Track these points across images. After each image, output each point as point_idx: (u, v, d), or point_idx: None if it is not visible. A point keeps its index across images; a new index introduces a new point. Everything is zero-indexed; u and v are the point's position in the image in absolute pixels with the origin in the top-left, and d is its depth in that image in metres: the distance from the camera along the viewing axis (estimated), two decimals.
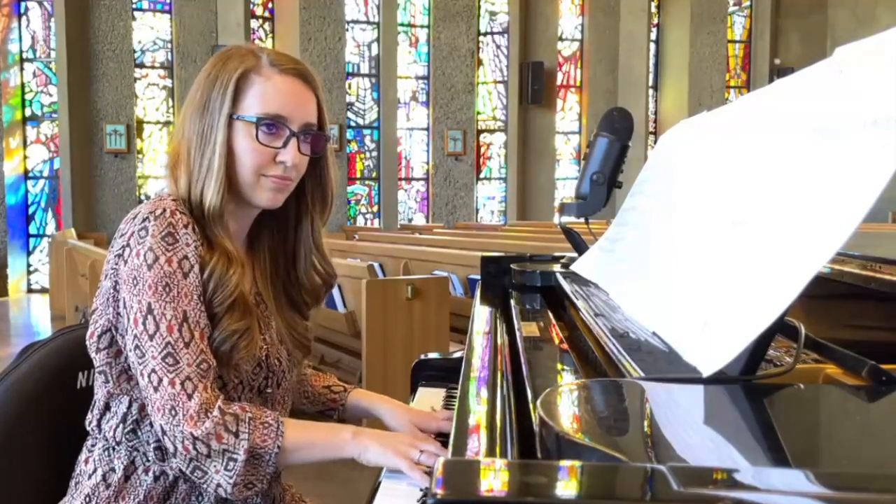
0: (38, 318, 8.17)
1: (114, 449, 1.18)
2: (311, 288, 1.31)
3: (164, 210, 1.10)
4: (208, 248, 1.13)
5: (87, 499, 1.16)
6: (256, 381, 1.20)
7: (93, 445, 1.21)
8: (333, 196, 1.29)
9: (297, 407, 1.40)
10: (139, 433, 1.17)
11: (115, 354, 1.15)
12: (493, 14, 11.94)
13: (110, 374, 1.16)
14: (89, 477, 1.18)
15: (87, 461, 1.20)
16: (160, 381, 1.06)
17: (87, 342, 1.16)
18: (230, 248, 1.15)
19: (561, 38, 12.27)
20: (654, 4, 12.50)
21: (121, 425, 1.17)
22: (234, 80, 1.15)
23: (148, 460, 1.17)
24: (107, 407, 1.18)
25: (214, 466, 1.05)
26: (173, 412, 1.05)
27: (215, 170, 1.14)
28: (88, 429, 1.21)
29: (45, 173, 9.90)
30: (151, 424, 1.15)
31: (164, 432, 1.06)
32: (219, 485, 1.06)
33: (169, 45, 10.24)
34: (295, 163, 1.17)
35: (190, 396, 1.05)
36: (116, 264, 1.12)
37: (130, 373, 1.14)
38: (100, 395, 1.19)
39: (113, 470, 1.17)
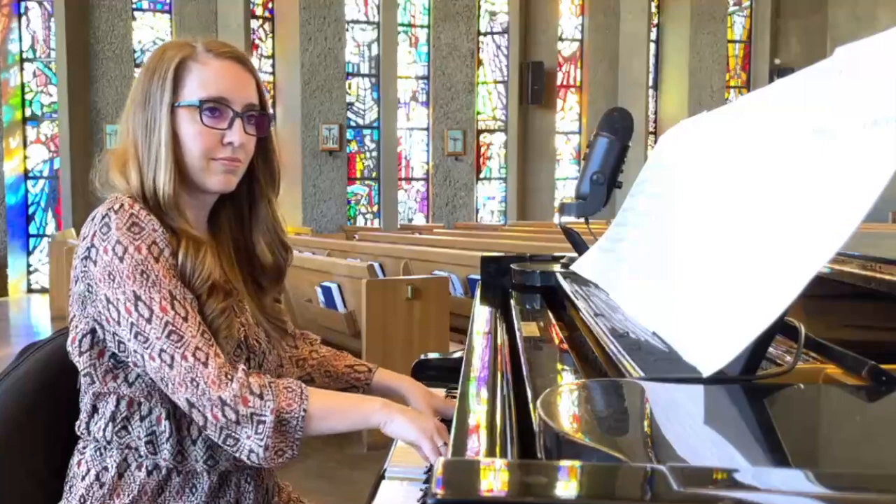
0: (38, 318, 8.17)
1: (105, 448, 1.19)
2: (271, 266, 1.31)
3: (123, 204, 1.12)
4: (172, 236, 1.15)
5: (82, 499, 1.17)
6: (238, 364, 1.21)
7: (84, 448, 1.21)
8: (280, 173, 1.32)
9: (321, 386, 1.43)
10: (130, 429, 1.17)
11: (98, 355, 1.16)
12: (493, 14, 11.94)
13: (96, 374, 1.17)
14: (82, 478, 1.19)
15: (79, 463, 1.21)
16: (172, 357, 1.07)
17: (69, 348, 1.18)
18: (195, 233, 1.17)
19: (561, 38, 12.27)
20: (654, 4, 12.50)
21: (110, 424, 1.17)
22: (173, 69, 1.17)
23: (140, 456, 1.17)
24: (94, 409, 1.19)
25: (245, 432, 1.06)
26: (195, 383, 1.06)
27: (163, 159, 1.16)
28: (78, 433, 1.22)
29: (45, 173, 9.90)
30: (141, 419, 1.17)
31: (191, 405, 1.07)
32: (251, 450, 1.07)
33: None
34: (242, 142, 1.19)
35: (205, 364, 1.07)
36: (85, 267, 1.13)
37: (116, 371, 1.16)
38: (86, 398, 1.20)
39: (106, 469, 1.18)
